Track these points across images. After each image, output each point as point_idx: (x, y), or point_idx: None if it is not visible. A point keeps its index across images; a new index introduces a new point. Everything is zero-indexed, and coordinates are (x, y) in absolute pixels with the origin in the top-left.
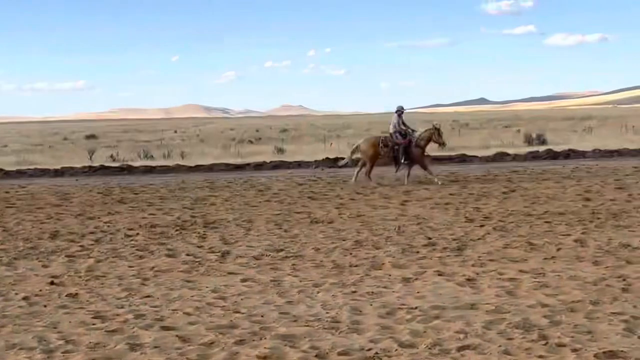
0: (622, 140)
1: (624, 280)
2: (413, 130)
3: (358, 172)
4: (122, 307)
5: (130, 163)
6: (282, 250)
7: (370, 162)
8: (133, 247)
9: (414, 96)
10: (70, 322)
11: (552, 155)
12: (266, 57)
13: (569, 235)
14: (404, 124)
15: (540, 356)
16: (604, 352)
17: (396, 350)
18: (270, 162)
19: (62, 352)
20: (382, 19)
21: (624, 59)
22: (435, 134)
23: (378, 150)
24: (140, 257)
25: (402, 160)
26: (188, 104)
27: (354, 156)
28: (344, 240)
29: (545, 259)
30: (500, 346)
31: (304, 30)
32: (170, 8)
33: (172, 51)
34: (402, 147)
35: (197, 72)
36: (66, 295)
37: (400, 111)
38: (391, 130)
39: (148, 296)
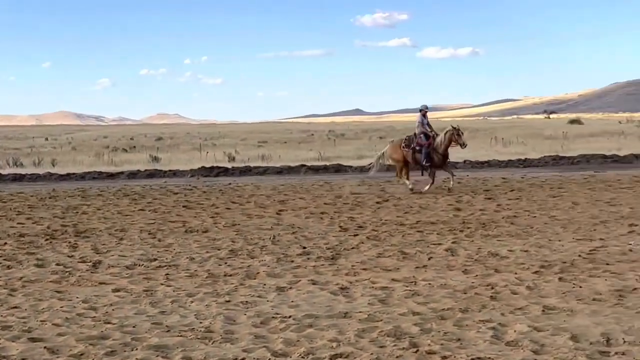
0: (491, 152)
1: (492, 288)
2: (436, 134)
3: (406, 178)
4: None
5: None
6: (155, 259)
7: (399, 164)
8: (0, 257)
9: (290, 106)
10: None
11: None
12: (141, 64)
13: (440, 244)
14: (428, 124)
15: None
16: (472, 359)
17: (269, 359)
18: (145, 170)
19: None
20: (259, 28)
21: (494, 73)
22: (454, 135)
23: (403, 152)
24: (8, 267)
25: (424, 163)
26: (60, 111)
27: (382, 162)
28: (218, 249)
29: (417, 267)
30: (372, 354)
31: (180, 38)
32: (41, 11)
33: (43, 57)
34: (424, 150)
35: (70, 78)
36: None
37: (424, 110)
38: (417, 131)
39: (15, 307)
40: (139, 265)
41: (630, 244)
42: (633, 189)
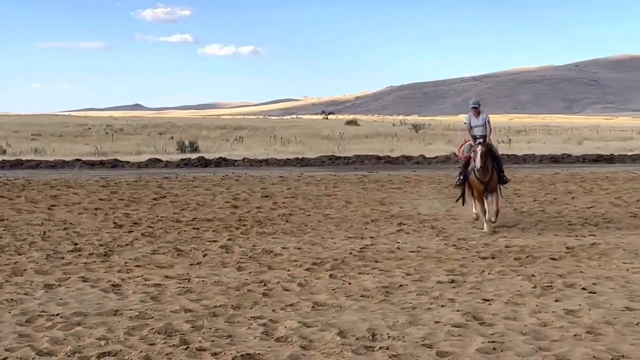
0: (270, 150)
1: (265, 285)
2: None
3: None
4: None
5: None
6: None
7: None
8: None
9: (68, 99)
10: None
11: (204, 163)
12: None
13: (215, 241)
14: (488, 122)
15: None
16: (241, 355)
17: (34, 358)
18: None
19: None
20: (36, 18)
21: (275, 73)
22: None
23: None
24: None
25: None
26: None
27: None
28: None
29: (191, 264)
30: (141, 352)
31: None
32: None
33: None
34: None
35: None
36: None
37: (476, 106)
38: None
39: None
40: None
41: (399, 242)
42: (403, 189)
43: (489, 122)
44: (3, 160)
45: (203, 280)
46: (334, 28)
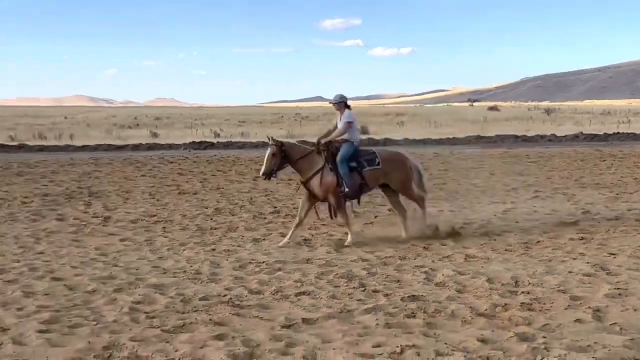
0: (425, 132)
1: (425, 240)
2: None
3: None
4: (18, 262)
5: (26, 142)
6: (154, 215)
7: None
8: (28, 212)
9: (265, 93)
10: None
11: (373, 143)
12: (144, 56)
13: (384, 205)
14: (345, 122)
15: (359, 299)
16: (408, 296)
17: (246, 296)
18: (146, 144)
19: None
20: (236, 27)
21: (428, 68)
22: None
23: None
24: (34, 220)
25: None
26: (77, 94)
27: None
28: (206, 208)
29: (365, 223)
30: (329, 292)
31: (174, 35)
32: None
33: (62, 50)
34: None
35: (85, 67)
36: None
37: (333, 102)
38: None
39: (40, 253)
40: (141, 220)
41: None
42: (537, 163)
43: (346, 122)
44: (218, 142)
45: (376, 236)
46: (477, 29)
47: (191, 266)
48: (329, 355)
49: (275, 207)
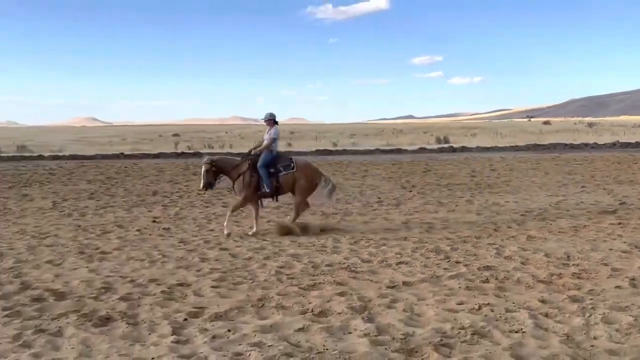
0: (493, 141)
1: (495, 224)
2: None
3: None
4: (196, 236)
5: (199, 150)
6: (290, 204)
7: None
8: (202, 200)
9: (376, 113)
10: (165, 244)
11: (453, 150)
12: (283, 87)
13: (462, 197)
14: (269, 138)
15: (445, 268)
16: (483, 267)
17: (359, 264)
18: (284, 151)
19: (161, 262)
20: (355, 61)
21: (495, 92)
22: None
23: None
24: (206, 206)
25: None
26: (233, 115)
27: None
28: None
29: (448, 211)
30: (422, 262)
31: (304, 72)
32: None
33: (227, 82)
34: None
35: (241, 95)
36: (162, 229)
37: (265, 119)
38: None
39: (212, 230)
40: (282, 206)
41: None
42: (583, 165)
43: (270, 137)
44: (335, 149)
45: (456, 221)
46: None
47: (318, 241)
48: (423, 309)
49: (379, 198)
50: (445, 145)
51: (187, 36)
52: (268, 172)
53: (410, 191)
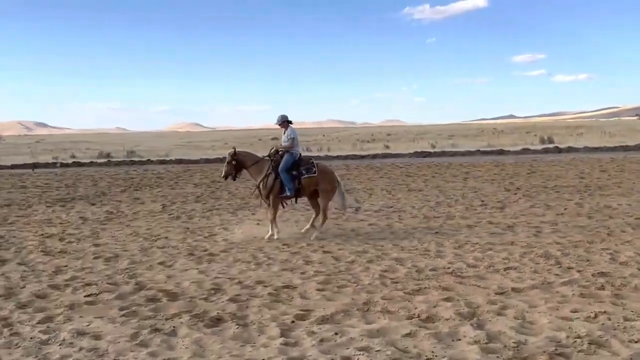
0: (602, 141)
1: (608, 228)
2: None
3: None
4: (299, 239)
5: None
6: (391, 207)
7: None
8: (304, 203)
9: (461, 114)
10: (269, 247)
11: (558, 150)
12: (375, 90)
13: (571, 200)
14: (290, 138)
15: (557, 274)
16: (598, 273)
17: (465, 269)
18: (382, 153)
19: (266, 264)
20: (454, 61)
21: (602, 90)
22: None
23: None
24: (307, 209)
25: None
26: (329, 118)
27: None
28: (429, 201)
29: (557, 214)
30: (531, 267)
31: (401, 74)
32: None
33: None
34: None
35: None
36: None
37: (278, 122)
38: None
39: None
40: (382, 210)
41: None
42: None
43: (290, 137)
44: (434, 151)
45: (566, 225)
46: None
47: (421, 245)
48: (535, 317)
49: (483, 201)
50: (550, 146)
51: (282, 42)
52: (290, 176)
53: (515, 194)
